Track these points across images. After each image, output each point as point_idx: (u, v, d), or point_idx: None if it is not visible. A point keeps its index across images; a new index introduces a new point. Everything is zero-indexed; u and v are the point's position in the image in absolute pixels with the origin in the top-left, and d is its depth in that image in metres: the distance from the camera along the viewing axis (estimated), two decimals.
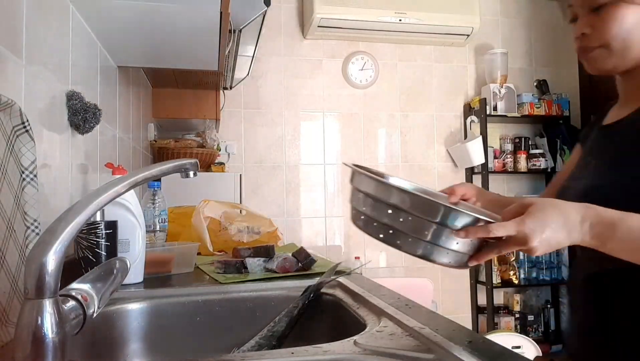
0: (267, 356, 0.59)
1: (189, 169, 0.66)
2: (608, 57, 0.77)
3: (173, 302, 0.91)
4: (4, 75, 0.71)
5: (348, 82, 3.26)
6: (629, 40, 0.74)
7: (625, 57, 0.76)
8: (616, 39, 0.74)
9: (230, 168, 2.97)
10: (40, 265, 0.44)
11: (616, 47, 0.75)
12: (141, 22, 1.19)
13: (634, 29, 0.74)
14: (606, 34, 0.75)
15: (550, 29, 3.57)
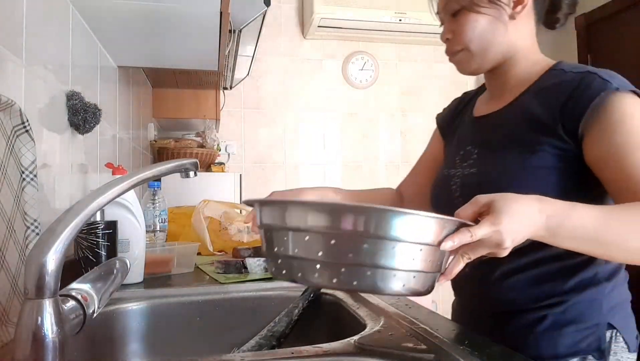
0: (267, 356, 0.59)
1: (189, 169, 0.66)
2: (471, 59, 0.82)
3: (173, 302, 0.91)
4: (4, 75, 0.71)
5: (348, 82, 3.26)
6: (485, 42, 0.79)
7: (485, 57, 0.81)
8: (473, 42, 0.80)
9: (230, 168, 2.97)
10: (40, 265, 0.44)
11: (475, 50, 0.80)
12: (141, 22, 1.19)
13: (486, 32, 0.79)
14: (464, 38, 0.80)
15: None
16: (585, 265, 0.75)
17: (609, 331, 0.74)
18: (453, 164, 0.89)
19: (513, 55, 0.82)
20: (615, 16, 3.14)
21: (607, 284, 0.75)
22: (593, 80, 0.72)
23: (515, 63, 0.82)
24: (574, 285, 0.75)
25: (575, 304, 0.74)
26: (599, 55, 3.29)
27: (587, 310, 0.74)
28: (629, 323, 0.77)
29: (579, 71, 0.75)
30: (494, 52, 0.81)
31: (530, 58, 0.82)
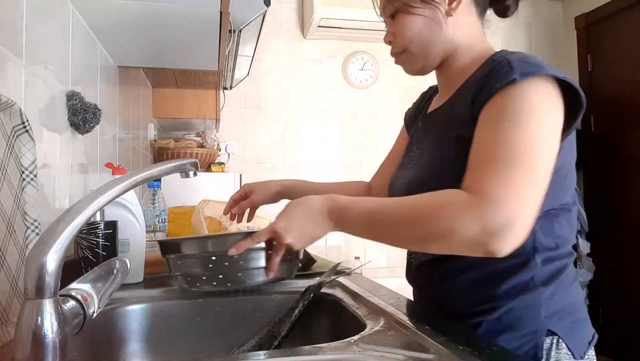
0: (267, 357, 0.59)
1: (189, 169, 0.66)
2: (413, 59, 0.83)
3: (173, 302, 0.91)
4: (4, 75, 0.71)
5: (348, 82, 3.26)
6: (424, 41, 0.80)
7: (428, 56, 0.81)
8: (412, 42, 0.80)
9: (230, 168, 2.97)
10: (40, 265, 0.44)
11: (415, 50, 0.81)
12: (141, 22, 1.19)
13: (423, 31, 0.79)
14: (403, 39, 0.81)
15: (550, 29, 3.57)
16: (519, 269, 0.71)
17: (549, 338, 0.71)
18: (403, 165, 0.92)
19: (455, 51, 0.81)
20: (615, 16, 3.14)
21: (545, 289, 0.71)
22: (500, 69, 0.69)
23: (457, 59, 0.82)
24: (508, 290, 0.72)
25: (510, 310, 0.71)
26: (599, 55, 3.29)
27: (523, 316, 0.71)
28: (576, 329, 0.73)
29: (497, 59, 0.72)
30: (435, 50, 0.80)
31: (472, 52, 0.81)
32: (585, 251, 3.28)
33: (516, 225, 0.57)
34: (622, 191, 3.11)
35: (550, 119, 0.65)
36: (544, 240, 0.72)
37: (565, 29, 3.54)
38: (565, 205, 0.75)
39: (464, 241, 0.59)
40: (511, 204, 0.58)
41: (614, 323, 3.15)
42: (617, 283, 3.12)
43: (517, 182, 0.59)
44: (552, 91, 0.66)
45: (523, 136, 0.62)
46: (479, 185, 0.60)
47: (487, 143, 0.65)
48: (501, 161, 0.61)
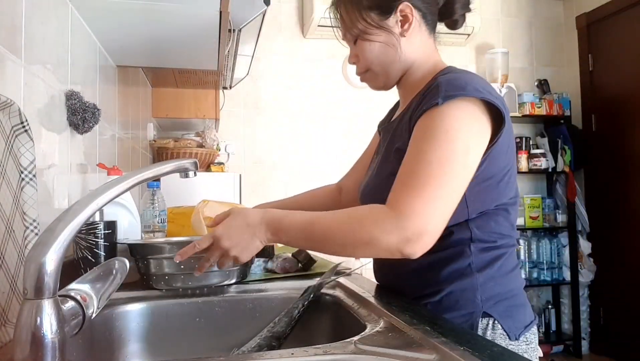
0: (267, 357, 0.59)
1: (189, 169, 0.66)
2: (376, 78, 0.91)
3: (173, 303, 0.91)
4: (3, 74, 0.71)
5: (348, 82, 3.26)
6: (384, 63, 0.88)
7: (389, 75, 0.90)
8: (373, 63, 0.88)
9: (229, 168, 2.97)
10: (39, 265, 0.44)
11: (377, 70, 0.89)
12: (140, 21, 1.18)
13: (382, 54, 0.87)
14: (365, 62, 0.89)
15: (551, 28, 3.57)
16: (457, 256, 0.81)
17: (485, 319, 0.79)
18: (367, 171, 1.00)
19: (410, 67, 0.89)
20: (616, 15, 3.14)
21: (480, 275, 0.80)
22: (431, 91, 0.78)
23: (411, 74, 0.90)
24: (447, 275, 0.81)
25: (450, 293, 0.80)
26: (600, 55, 3.29)
27: (460, 299, 0.80)
28: (512, 313, 0.81)
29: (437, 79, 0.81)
30: (394, 69, 0.89)
31: (423, 68, 0.89)
32: (586, 251, 3.28)
33: (425, 234, 0.69)
34: (623, 191, 3.11)
35: (465, 136, 0.73)
36: (480, 235, 0.81)
37: (566, 29, 3.54)
38: (502, 205, 0.83)
39: (384, 247, 0.69)
40: (421, 217, 0.68)
41: (614, 323, 3.15)
42: (618, 283, 3.12)
43: (427, 196, 0.70)
44: (471, 110, 0.75)
45: (437, 154, 0.72)
46: (397, 200, 0.71)
47: (408, 161, 0.75)
48: (416, 178, 0.71)
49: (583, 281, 3.28)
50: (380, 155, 0.92)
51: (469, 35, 3.14)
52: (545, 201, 3.37)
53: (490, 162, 0.79)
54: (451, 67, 0.89)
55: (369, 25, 0.86)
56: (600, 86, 3.25)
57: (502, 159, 0.81)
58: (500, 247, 0.83)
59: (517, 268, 0.86)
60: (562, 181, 3.38)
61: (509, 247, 0.84)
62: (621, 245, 3.11)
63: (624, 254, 3.08)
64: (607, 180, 3.21)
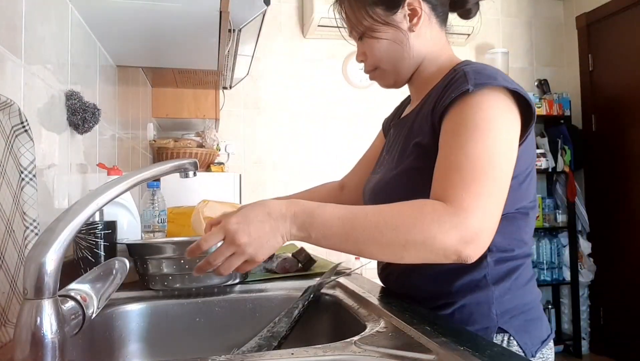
0: (267, 357, 0.59)
1: (188, 169, 0.66)
2: (386, 76, 0.87)
3: (173, 303, 0.91)
4: (3, 74, 0.71)
5: (348, 82, 3.26)
6: (393, 59, 0.84)
7: (399, 72, 0.85)
8: (382, 61, 0.84)
9: (229, 168, 2.97)
10: (39, 265, 0.44)
11: (386, 67, 0.85)
12: (140, 21, 1.18)
13: (390, 51, 0.83)
14: (373, 59, 0.85)
15: (551, 28, 3.57)
16: (471, 267, 0.73)
17: (500, 335, 0.73)
18: (374, 169, 0.95)
19: (421, 62, 0.85)
20: (616, 15, 3.14)
21: (495, 288, 0.74)
22: (457, 80, 0.73)
23: (424, 69, 0.86)
24: (460, 287, 0.75)
25: (463, 306, 0.74)
26: (600, 55, 3.28)
27: (474, 312, 0.74)
28: (528, 327, 0.75)
29: (457, 70, 0.76)
30: (404, 65, 0.84)
31: (437, 62, 0.85)
32: (586, 251, 3.28)
33: (485, 233, 0.62)
34: (623, 191, 3.11)
35: (506, 128, 0.68)
36: (500, 241, 0.74)
37: (566, 29, 3.54)
38: (522, 209, 0.77)
39: (442, 248, 0.61)
40: (481, 213, 0.62)
41: (614, 323, 3.15)
42: (618, 283, 3.12)
43: (482, 191, 0.63)
44: (505, 101, 0.70)
45: (483, 145, 0.66)
46: (451, 194, 0.63)
47: (451, 154, 0.68)
48: (465, 171, 0.64)
49: (583, 281, 3.28)
50: (393, 152, 0.87)
51: (469, 35, 3.14)
52: (545, 201, 3.37)
53: (518, 159, 0.73)
54: (469, 60, 0.84)
55: (375, 22, 0.82)
56: (600, 86, 3.25)
57: (526, 158, 0.76)
58: (518, 257, 0.77)
59: (533, 278, 0.81)
60: (562, 181, 3.38)
61: (526, 257, 0.79)
62: (621, 245, 3.11)
63: (624, 254, 3.08)
64: (607, 180, 3.21)
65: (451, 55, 0.86)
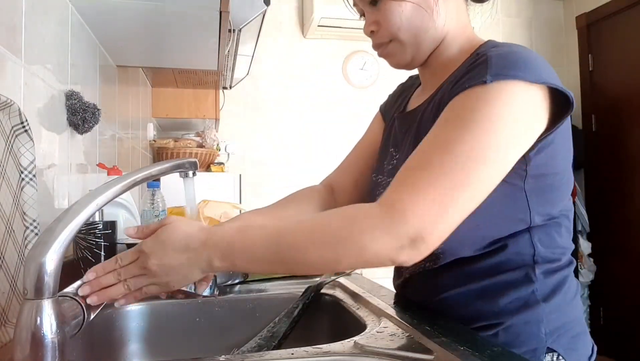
0: (267, 357, 0.59)
1: (188, 169, 0.66)
2: (402, 50, 0.73)
3: (173, 303, 0.91)
4: (3, 74, 0.71)
5: (348, 82, 3.26)
6: (415, 29, 0.71)
7: (419, 46, 0.73)
8: (401, 30, 0.71)
9: (229, 168, 2.97)
10: (39, 265, 0.44)
11: (405, 39, 0.72)
12: (140, 21, 1.18)
13: (414, 17, 0.70)
14: (391, 27, 0.71)
15: (551, 28, 3.57)
16: (519, 283, 0.66)
17: (548, 354, 0.66)
18: (381, 169, 0.82)
19: (443, 39, 0.73)
20: (616, 15, 3.14)
21: (546, 305, 0.66)
22: (477, 65, 0.63)
23: (444, 49, 0.74)
24: (507, 305, 0.66)
25: (509, 327, 0.66)
26: (600, 55, 3.28)
27: (522, 333, 0.66)
28: (577, 345, 0.69)
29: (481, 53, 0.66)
30: (426, 39, 0.72)
31: (458, 41, 0.74)
32: (586, 251, 3.28)
33: (427, 238, 0.55)
34: (623, 191, 3.11)
35: (512, 129, 0.59)
36: (544, 252, 0.67)
37: (566, 29, 3.54)
38: (564, 211, 0.70)
39: (374, 256, 0.56)
40: (420, 217, 0.54)
41: (614, 323, 3.15)
42: (618, 283, 3.12)
43: (437, 196, 0.55)
44: (528, 95, 0.60)
45: (468, 145, 0.57)
46: (394, 197, 0.57)
47: (426, 147, 0.60)
48: (430, 169, 0.57)
49: (583, 281, 3.28)
50: (403, 150, 0.76)
51: None
52: None
53: (552, 155, 0.65)
54: (494, 41, 0.72)
55: None
56: (600, 86, 3.25)
57: (565, 152, 0.68)
58: (564, 266, 0.70)
59: (579, 290, 0.73)
60: None
61: (570, 264, 0.71)
62: (621, 245, 3.11)
63: (624, 254, 3.08)
64: (607, 180, 3.21)
65: (472, 35, 0.75)
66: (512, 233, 0.65)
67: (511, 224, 0.65)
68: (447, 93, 0.66)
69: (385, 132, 0.88)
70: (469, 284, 0.68)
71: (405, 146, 0.76)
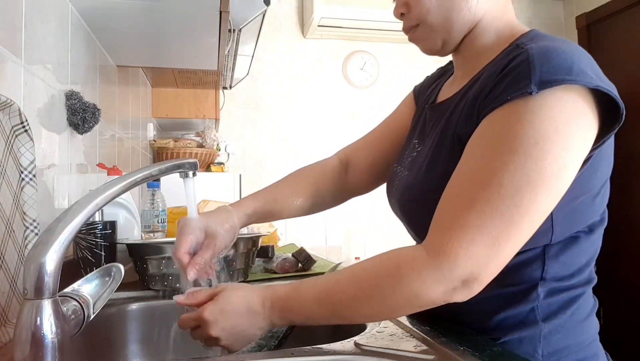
0: (267, 357, 0.59)
1: (188, 169, 0.66)
2: (433, 34, 0.69)
3: (173, 303, 0.91)
4: (3, 74, 0.71)
5: (348, 82, 3.26)
6: (445, 10, 0.66)
7: (451, 30, 0.67)
8: (431, 12, 0.66)
9: (229, 168, 2.97)
10: (39, 265, 0.44)
11: (435, 22, 0.67)
12: (141, 21, 1.18)
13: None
14: (421, 9, 0.66)
15: (551, 28, 3.56)
16: (517, 299, 0.62)
17: None
18: (401, 159, 0.78)
19: (478, 23, 0.67)
20: (616, 15, 3.14)
21: (545, 325, 0.61)
22: (518, 66, 0.55)
23: (479, 34, 0.67)
24: (501, 322, 0.63)
25: (503, 344, 0.62)
26: (600, 55, 3.28)
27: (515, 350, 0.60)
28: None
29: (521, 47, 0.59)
30: (459, 20, 0.66)
31: (495, 26, 0.67)
32: None
33: (480, 278, 0.53)
34: (623, 191, 3.11)
35: (564, 148, 0.52)
36: (558, 269, 0.62)
37: (566, 29, 3.54)
38: (592, 225, 0.63)
39: (429, 302, 0.55)
40: (469, 261, 0.52)
41: (614, 323, 3.15)
42: (618, 283, 3.12)
43: (488, 238, 0.51)
44: (579, 102, 0.53)
45: (516, 176, 0.51)
46: (437, 238, 0.54)
47: (466, 179, 0.55)
48: (477, 208, 0.52)
49: None
50: (428, 144, 0.70)
51: None
52: None
53: (591, 171, 0.59)
54: (538, 31, 0.64)
55: None
56: None
57: (605, 166, 0.61)
58: (577, 285, 0.64)
59: (594, 310, 0.67)
60: None
61: (587, 284, 0.65)
62: (621, 245, 3.11)
63: (624, 255, 3.08)
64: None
65: (512, 20, 0.68)
66: (526, 249, 0.58)
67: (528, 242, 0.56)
68: (483, 96, 0.59)
69: (414, 119, 0.82)
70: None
71: (430, 140, 0.71)
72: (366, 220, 3.18)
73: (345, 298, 0.58)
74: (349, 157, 0.91)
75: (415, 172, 0.70)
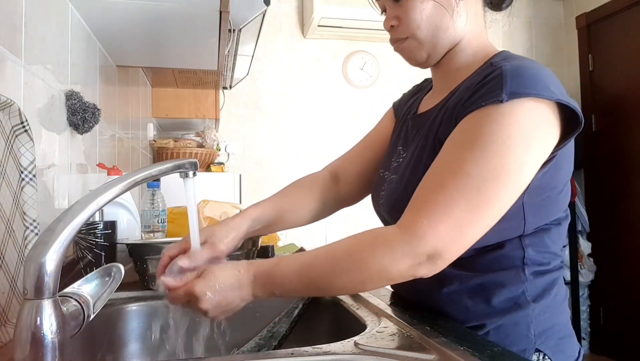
0: (267, 357, 0.59)
1: (189, 169, 0.66)
2: (419, 48, 0.75)
3: None
4: (3, 74, 0.71)
5: (348, 82, 3.26)
6: (433, 27, 0.73)
7: (436, 45, 0.74)
8: (421, 28, 0.73)
9: (229, 168, 2.97)
10: (39, 265, 0.44)
11: (423, 37, 0.74)
12: (140, 21, 1.18)
13: (434, 16, 0.72)
14: (411, 24, 0.73)
15: (551, 28, 3.57)
16: (509, 282, 0.68)
17: (535, 355, 0.68)
18: (387, 165, 0.84)
19: (458, 42, 0.75)
20: (616, 15, 3.14)
21: (536, 306, 0.68)
22: (492, 79, 0.64)
23: (458, 52, 0.76)
24: (498, 305, 0.68)
25: (499, 327, 0.68)
26: (600, 55, 3.28)
27: (511, 333, 0.68)
28: (564, 346, 0.71)
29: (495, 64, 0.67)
30: (444, 39, 0.74)
31: (472, 46, 0.76)
32: (586, 251, 3.28)
33: (444, 255, 0.60)
34: (623, 191, 3.11)
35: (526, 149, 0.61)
36: (534, 255, 0.69)
37: (566, 29, 3.54)
38: (558, 219, 0.72)
39: (397, 275, 0.61)
40: (436, 239, 0.59)
41: (614, 323, 3.15)
42: (618, 283, 3.12)
43: (454, 220, 0.59)
44: (543, 111, 0.62)
45: (483, 168, 0.59)
46: (411, 219, 0.61)
47: (440, 169, 0.63)
48: (445, 193, 0.60)
49: (583, 281, 3.28)
50: (412, 151, 0.77)
51: None
52: None
53: (555, 170, 0.67)
54: (508, 52, 0.74)
55: None
56: (600, 86, 3.25)
57: (567, 166, 0.70)
58: (553, 270, 0.72)
59: (567, 295, 0.76)
60: None
61: (559, 269, 0.73)
62: (621, 245, 3.11)
63: (624, 254, 3.08)
64: (607, 180, 3.21)
65: (486, 42, 0.77)
66: (506, 239, 0.68)
67: (504, 232, 0.67)
68: (461, 105, 0.67)
69: (396, 130, 0.89)
70: (457, 283, 0.70)
71: (413, 145, 0.78)
72: (366, 220, 3.18)
73: (322, 272, 0.64)
74: (338, 170, 0.97)
75: (400, 175, 0.77)
